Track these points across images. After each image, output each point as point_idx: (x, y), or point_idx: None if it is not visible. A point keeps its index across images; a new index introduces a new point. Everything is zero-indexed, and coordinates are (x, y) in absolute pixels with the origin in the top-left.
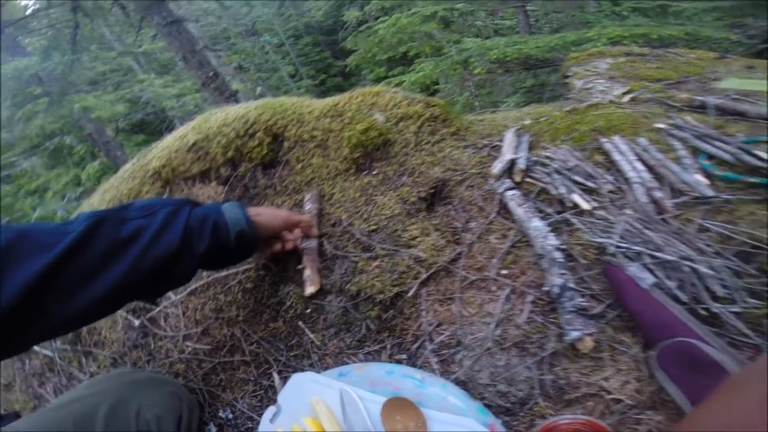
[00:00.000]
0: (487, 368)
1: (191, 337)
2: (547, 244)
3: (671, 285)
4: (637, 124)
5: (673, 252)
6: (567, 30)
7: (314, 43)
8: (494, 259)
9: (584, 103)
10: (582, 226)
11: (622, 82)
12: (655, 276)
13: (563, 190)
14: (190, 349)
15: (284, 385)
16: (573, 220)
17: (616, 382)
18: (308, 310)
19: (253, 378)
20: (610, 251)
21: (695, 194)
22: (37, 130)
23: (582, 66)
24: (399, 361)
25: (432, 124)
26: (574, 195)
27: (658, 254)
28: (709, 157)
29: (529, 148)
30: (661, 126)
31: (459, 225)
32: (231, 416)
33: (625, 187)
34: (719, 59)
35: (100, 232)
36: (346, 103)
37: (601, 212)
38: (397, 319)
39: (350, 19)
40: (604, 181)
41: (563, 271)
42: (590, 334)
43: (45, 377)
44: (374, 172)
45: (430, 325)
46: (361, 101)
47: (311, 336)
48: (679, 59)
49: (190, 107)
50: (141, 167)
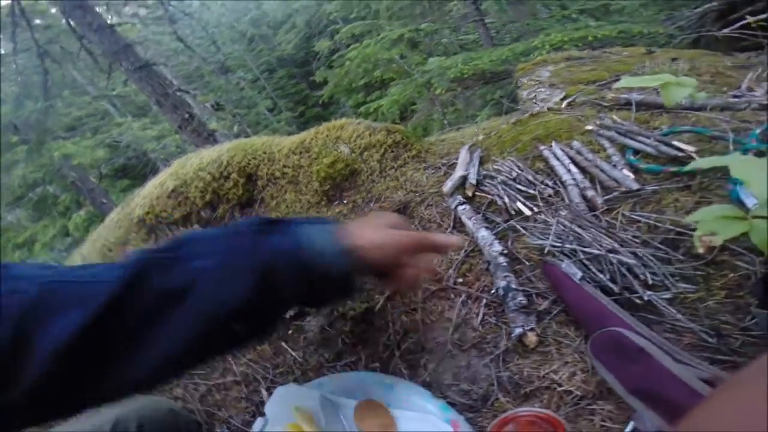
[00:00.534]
0: (449, 369)
1: None
2: (493, 250)
3: (604, 278)
4: (572, 128)
5: (599, 246)
6: (524, 39)
7: (289, 75)
8: (451, 269)
9: (526, 114)
10: (525, 231)
11: (561, 88)
12: (590, 270)
13: (507, 200)
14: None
15: (270, 398)
16: (518, 226)
17: (564, 374)
18: (290, 332)
19: (244, 396)
20: (547, 250)
21: (623, 189)
22: (19, 180)
23: (528, 76)
24: (373, 370)
25: (394, 150)
26: (518, 203)
27: (588, 249)
28: (635, 152)
29: (481, 163)
30: (591, 128)
31: None
32: (225, 431)
33: (561, 190)
34: (647, 54)
35: (146, 281)
36: (312, 138)
37: (541, 216)
38: (369, 331)
39: (322, 49)
40: (543, 186)
41: (507, 273)
42: (532, 329)
43: None
44: (344, 202)
45: (398, 334)
46: (327, 136)
47: (293, 354)
48: (613, 58)
49: (172, 149)
50: (126, 215)
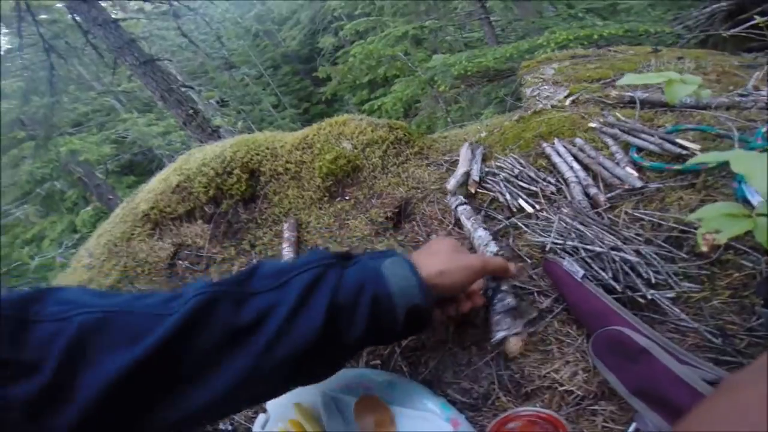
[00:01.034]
0: (450, 367)
1: None
2: (488, 250)
3: (606, 276)
4: (575, 125)
5: (602, 244)
6: (530, 37)
7: (293, 72)
8: None
9: (530, 111)
10: (527, 229)
11: (564, 86)
12: (592, 268)
13: (509, 197)
14: None
15: None
16: (519, 223)
17: (566, 373)
18: None
19: None
20: (548, 248)
21: (627, 187)
22: (26, 176)
23: (532, 74)
24: (375, 367)
25: (396, 146)
26: (520, 200)
27: (590, 247)
28: (639, 149)
29: (484, 160)
30: (594, 125)
31: (421, 239)
32: (230, 428)
33: (564, 187)
34: (652, 53)
35: (212, 315)
36: (315, 134)
37: (543, 213)
38: None
39: (326, 46)
40: (546, 184)
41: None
42: (517, 335)
43: None
44: (346, 198)
45: None
46: (329, 132)
47: None
48: (618, 57)
49: (177, 145)
50: (131, 211)
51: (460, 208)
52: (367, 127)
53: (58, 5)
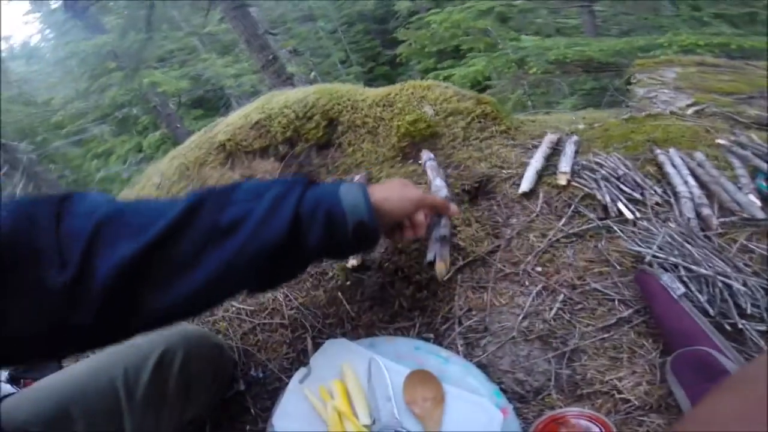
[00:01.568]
0: (509, 356)
1: (236, 297)
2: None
3: (702, 298)
4: (697, 137)
5: (709, 267)
6: (636, 34)
7: (365, 31)
8: (530, 255)
9: (644, 113)
10: (622, 235)
11: (688, 94)
12: (688, 288)
13: (608, 198)
14: (234, 308)
15: (317, 350)
16: (615, 227)
17: (629, 383)
18: (348, 283)
19: (288, 341)
20: (647, 260)
21: (745, 215)
22: (110, 101)
23: (647, 73)
24: (426, 340)
25: (482, 121)
26: (620, 204)
27: (695, 268)
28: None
29: (579, 153)
30: (723, 142)
31: (500, 220)
32: (261, 375)
33: (672, 200)
34: None
35: (198, 217)
36: (397, 94)
37: (644, 223)
38: (430, 300)
39: (401, 9)
40: (652, 193)
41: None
42: (442, 258)
43: None
44: (419, 162)
45: (461, 309)
46: (412, 93)
47: (347, 307)
48: (758, 73)
49: (247, 87)
50: (207, 139)
51: (428, 163)
52: (452, 95)
53: None
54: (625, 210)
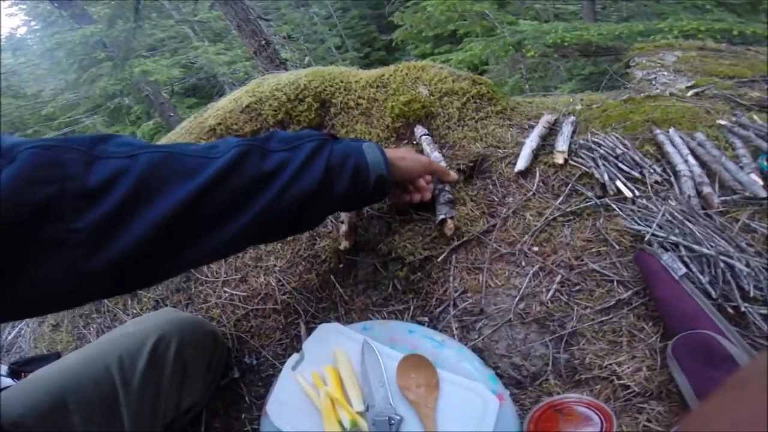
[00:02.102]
0: (505, 339)
1: (229, 283)
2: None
3: (703, 279)
4: (697, 118)
5: (711, 246)
6: (636, 20)
7: (361, 16)
8: (527, 235)
9: (642, 94)
10: (621, 213)
11: (688, 76)
12: (689, 268)
13: (607, 176)
14: (227, 294)
15: (310, 335)
16: (613, 205)
17: (629, 368)
18: (341, 266)
19: (281, 327)
20: (647, 239)
21: (747, 194)
22: (100, 91)
23: (646, 57)
24: (421, 323)
25: (477, 101)
26: (618, 182)
27: (696, 247)
28: None
29: (576, 133)
30: (723, 122)
31: (495, 199)
32: (255, 362)
33: (672, 179)
34: None
35: (247, 162)
36: (391, 75)
37: (643, 201)
38: (424, 282)
39: None
40: (651, 171)
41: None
42: (452, 218)
43: (91, 318)
44: (414, 142)
45: (456, 291)
46: (406, 74)
47: (341, 290)
48: (760, 58)
49: (240, 74)
50: (198, 124)
51: (423, 138)
52: (447, 76)
53: None
54: (623, 188)
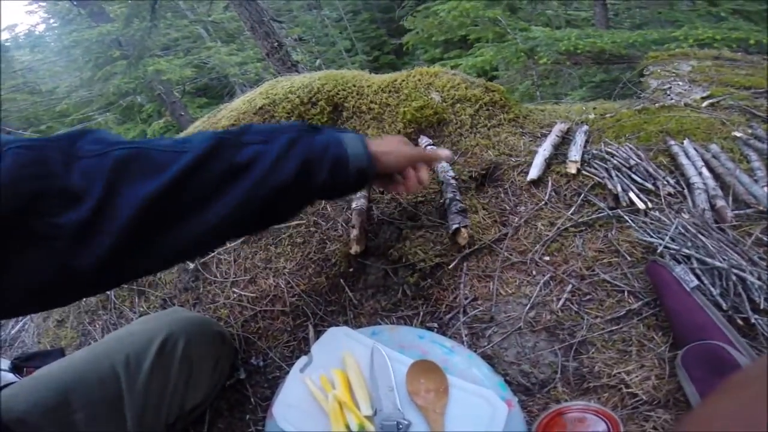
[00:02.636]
0: (514, 347)
1: (238, 284)
2: (447, 175)
3: (714, 291)
4: (712, 130)
5: (724, 260)
6: (650, 27)
7: (371, 20)
8: (538, 244)
9: (657, 104)
10: (633, 225)
11: (703, 87)
12: (700, 281)
13: (620, 188)
14: (235, 295)
15: (318, 338)
16: (625, 217)
17: (637, 377)
18: (351, 270)
19: (289, 329)
20: (659, 251)
21: (761, 208)
22: (114, 89)
23: (661, 66)
24: (430, 329)
25: (490, 108)
26: (631, 193)
27: (708, 260)
28: None
29: (589, 142)
30: (739, 134)
31: (507, 207)
32: (262, 364)
33: (686, 192)
34: None
35: (218, 155)
36: (404, 80)
37: (656, 213)
38: (434, 288)
39: None
40: (665, 183)
41: (454, 190)
42: (465, 227)
43: (97, 315)
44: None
45: (466, 298)
46: (419, 80)
47: (350, 294)
48: None
49: (251, 75)
50: (211, 124)
51: (428, 148)
52: (460, 83)
53: None
54: (636, 200)
